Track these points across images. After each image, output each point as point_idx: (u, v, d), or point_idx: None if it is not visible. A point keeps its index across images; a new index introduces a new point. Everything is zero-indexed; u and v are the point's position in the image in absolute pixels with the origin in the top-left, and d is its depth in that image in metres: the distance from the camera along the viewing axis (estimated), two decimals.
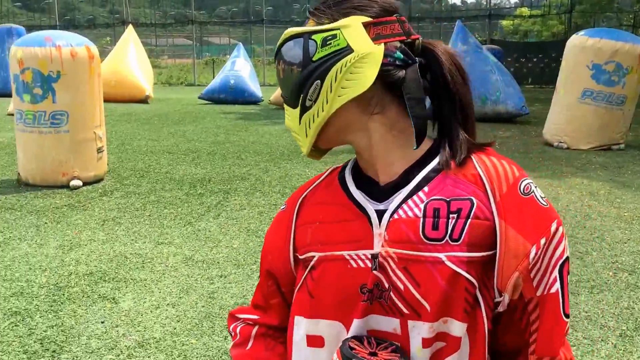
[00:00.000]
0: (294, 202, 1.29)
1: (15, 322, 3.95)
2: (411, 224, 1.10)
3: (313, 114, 1.15)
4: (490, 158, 1.16)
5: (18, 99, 7.40)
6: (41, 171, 7.44)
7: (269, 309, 1.34)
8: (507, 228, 1.08)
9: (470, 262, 1.08)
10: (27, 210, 6.54)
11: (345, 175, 1.23)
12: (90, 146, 7.59)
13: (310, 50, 1.12)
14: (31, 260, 5.04)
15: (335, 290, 1.15)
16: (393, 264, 1.10)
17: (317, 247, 1.19)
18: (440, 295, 1.08)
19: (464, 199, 1.10)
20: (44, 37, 7.32)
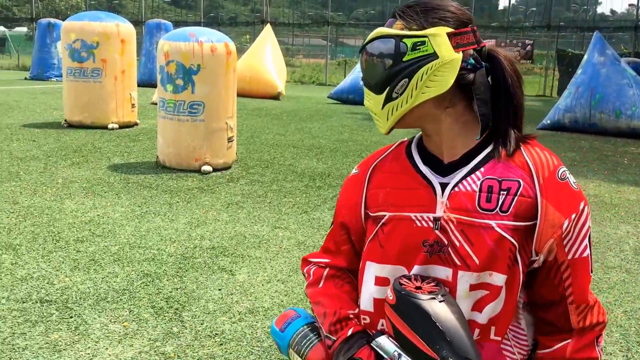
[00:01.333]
0: (366, 168, 1.58)
1: (146, 282, 4.49)
2: (469, 196, 1.39)
3: (397, 104, 1.41)
4: (535, 149, 1.45)
5: (162, 88, 8.17)
6: (177, 155, 8.16)
7: (339, 254, 1.63)
8: (547, 205, 1.37)
9: (514, 229, 1.37)
10: (163, 189, 7.24)
11: (412, 150, 1.52)
12: (221, 135, 8.22)
13: (401, 51, 1.37)
14: (163, 233, 5.63)
15: (402, 243, 1.44)
16: (452, 226, 1.40)
17: (388, 207, 1.48)
18: (488, 252, 1.37)
19: (513, 180, 1.38)
20: (188, 33, 8.04)
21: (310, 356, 1.57)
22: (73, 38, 11.06)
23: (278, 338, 1.66)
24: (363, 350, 1.47)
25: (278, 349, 1.70)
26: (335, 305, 1.57)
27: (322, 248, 1.70)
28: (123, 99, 11.38)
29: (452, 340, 1.29)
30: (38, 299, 4.13)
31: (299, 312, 1.69)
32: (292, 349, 1.62)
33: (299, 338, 1.61)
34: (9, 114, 13.13)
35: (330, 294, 1.60)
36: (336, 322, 1.55)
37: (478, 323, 1.40)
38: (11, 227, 5.62)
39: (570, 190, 1.41)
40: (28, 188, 7.01)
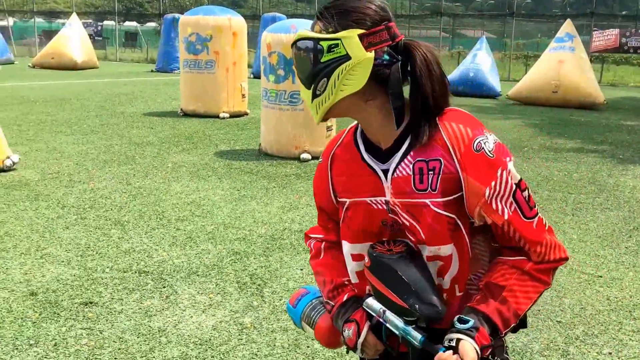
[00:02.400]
0: (327, 156, 1.71)
1: (234, 259, 4.80)
2: (406, 180, 1.53)
3: (322, 100, 1.53)
4: (450, 124, 1.52)
5: (265, 78, 8.53)
6: (278, 143, 8.51)
7: (329, 230, 1.80)
8: (467, 177, 1.49)
9: (446, 204, 1.52)
10: (262, 175, 7.59)
11: (358, 139, 1.64)
12: (321, 124, 8.45)
13: (319, 52, 1.49)
14: (256, 215, 5.95)
15: (363, 224, 1.61)
16: (399, 208, 1.55)
17: (347, 194, 1.63)
18: (430, 227, 1.52)
19: (435, 160, 1.51)
20: (289, 25, 8.33)
21: (319, 323, 1.76)
22: (189, 32, 11.71)
23: (292, 313, 1.83)
24: (357, 312, 1.65)
25: (294, 324, 1.88)
26: (332, 274, 1.74)
27: (318, 223, 1.87)
28: (234, 89, 11.92)
29: (417, 289, 1.46)
30: (137, 270, 4.54)
31: (308, 289, 1.85)
32: (304, 321, 1.79)
33: (308, 310, 1.78)
34: (132, 103, 14.10)
35: (328, 264, 1.77)
36: (333, 289, 1.72)
37: (444, 288, 1.58)
38: (122, 205, 6.14)
39: (487, 160, 1.48)
40: (141, 171, 7.58)
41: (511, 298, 1.51)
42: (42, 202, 6.18)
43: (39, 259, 4.70)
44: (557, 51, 16.42)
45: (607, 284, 4.57)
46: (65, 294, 4.10)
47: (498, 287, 1.53)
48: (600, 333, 3.81)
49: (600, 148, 10.35)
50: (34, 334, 3.57)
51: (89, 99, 14.45)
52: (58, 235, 5.22)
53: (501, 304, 1.50)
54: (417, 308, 1.45)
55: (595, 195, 7.14)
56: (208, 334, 3.64)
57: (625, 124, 13.52)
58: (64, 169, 7.54)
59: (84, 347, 3.45)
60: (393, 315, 1.52)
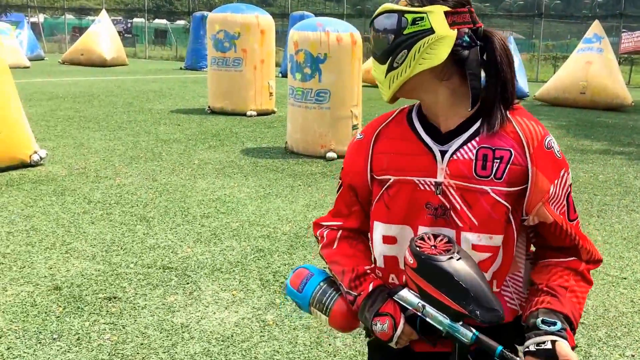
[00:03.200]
0: (371, 133, 1.67)
1: (259, 256, 4.78)
2: (466, 164, 1.53)
3: (398, 73, 1.53)
4: (523, 119, 1.57)
5: (291, 77, 8.52)
6: (304, 141, 8.49)
7: (350, 215, 1.74)
8: (537, 172, 1.52)
9: (507, 194, 1.52)
10: (287, 173, 7.57)
11: (413, 119, 1.63)
12: (346, 123, 8.43)
13: (402, 25, 1.51)
14: (281, 213, 5.93)
15: (406, 204, 1.58)
16: (453, 191, 1.54)
17: (392, 172, 1.60)
18: (485, 215, 1.52)
19: (505, 149, 1.52)
20: (316, 23, 8.30)
21: (335, 309, 1.67)
22: (217, 29, 11.75)
23: (297, 298, 1.72)
24: (387, 304, 1.57)
25: (299, 308, 1.77)
26: (353, 263, 1.68)
27: (332, 212, 1.80)
28: (261, 87, 11.93)
29: (476, 294, 1.41)
30: (161, 265, 4.54)
31: (311, 270, 1.74)
32: (314, 306, 1.69)
33: (319, 295, 1.68)
34: (160, 100, 14.20)
35: (346, 253, 1.71)
36: (355, 279, 1.65)
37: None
38: (148, 201, 6.17)
39: (555, 159, 1.55)
40: (167, 167, 7.62)
41: (575, 299, 1.53)
42: (69, 197, 6.23)
43: (64, 253, 4.73)
44: (585, 52, 16.24)
45: (632, 286, 4.49)
46: (89, 289, 4.12)
47: (562, 288, 1.54)
48: (623, 335, 3.75)
49: (627, 150, 10.18)
50: (57, 328, 3.59)
51: (117, 96, 14.59)
52: (83, 230, 5.26)
53: (571, 305, 1.52)
54: (477, 314, 1.40)
55: (621, 197, 7.03)
56: (230, 330, 3.63)
57: None
58: (91, 165, 7.61)
59: (106, 342, 3.45)
60: (435, 311, 1.48)
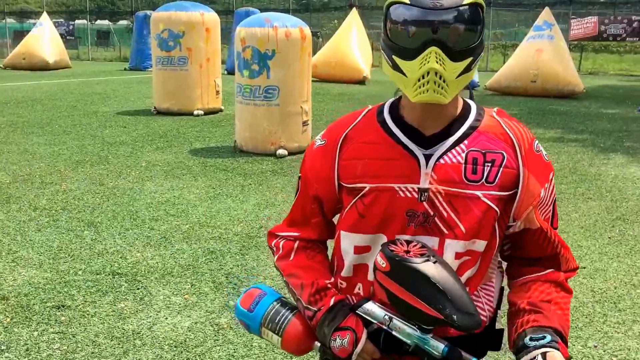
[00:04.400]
0: (335, 138, 1.55)
1: (210, 258, 4.73)
2: (455, 168, 1.45)
3: (469, 76, 1.42)
4: (512, 121, 1.53)
5: (239, 74, 8.46)
6: (253, 139, 8.44)
7: (307, 226, 1.64)
8: (529, 175, 1.47)
9: (499, 199, 1.47)
10: (237, 172, 7.52)
11: (387, 120, 1.52)
12: (296, 119, 8.42)
13: (482, 21, 1.39)
14: (232, 213, 5.88)
15: (384, 213, 1.48)
16: (440, 197, 1.45)
17: (367, 179, 1.48)
18: (475, 221, 1.45)
19: (496, 152, 1.46)
20: (263, 19, 8.26)
21: (289, 330, 1.57)
22: (161, 28, 11.56)
23: (247, 318, 1.61)
24: (349, 318, 1.50)
25: (248, 331, 1.68)
26: (312, 276, 1.58)
27: (288, 220, 1.70)
28: (208, 86, 11.81)
29: (453, 298, 1.35)
30: (111, 271, 4.45)
31: (264, 290, 1.64)
32: (266, 326, 1.59)
33: (272, 314, 1.58)
34: (105, 102, 13.92)
35: (304, 266, 1.61)
36: (315, 293, 1.55)
37: None
38: (95, 206, 6.04)
39: (544, 162, 1.52)
40: (114, 171, 7.47)
41: (559, 311, 1.50)
42: (14, 204, 6.05)
43: (10, 262, 4.60)
44: (536, 40, 16.42)
45: (591, 275, 4.57)
46: (37, 298, 4.01)
47: (545, 303, 1.50)
48: (584, 326, 3.79)
49: (581, 137, 10.43)
50: (5, 339, 3.49)
51: (61, 99, 14.23)
52: (30, 238, 5.11)
53: (558, 317, 1.48)
54: (455, 319, 1.34)
55: (576, 185, 7.17)
56: (183, 335, 3.58)
57: (606, 112, 13.64)
58: (36, 171, 7.40)
59: (56, 352, 3.37)
60: (403, 322, 1.42)
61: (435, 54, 1.33)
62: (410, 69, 1.38)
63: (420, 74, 1.36)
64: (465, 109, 1.51)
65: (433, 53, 1.33)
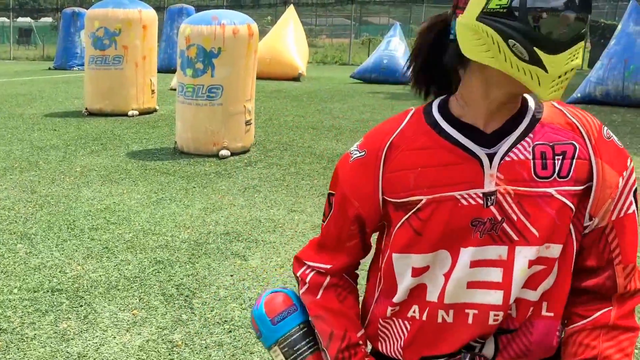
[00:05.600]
0: (377, 148, 1.38)
1: (158, 269, 4.45)
2: (523, 164, 1.29)
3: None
4: (575, 109, 1.38)
5: (182, 73, 8.11)
6: (195, 140, 8.11)
7: (341, 251, 1.47)
8: (603, 165, 1.31)
9: (575, 195, 1.30)
10: (180, 175, 7.19)
11: (439, 121, 1.35)
12: (239, 119, 8.14)
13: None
14: (177, 219, 5.59)
15: (446, 227, 1.31)
16: (510, 199, 1.29)
17: (423, 190, 1.32)
18: (549, 223, 1.29)
19: (566, 143, 1.31)
20: (211, 16, 7.96)
21: None
22: (97, 26, 10.99)
23: (266, 328, 1.49)
24: None
25: (256, 336, 1.52)
26: (342, 325, 1.45)
27: (317, 244, 1.53)
28: (143, 85, 11.34)
29: None
30: (49, 288, 4.11)
31: (295, 302, 1.52)
32: (280, 347, 1.47)
33: (294, 338, 1.47)
34: (31, 104, 13.22)
35: (334, 310, 1.47)
36: (345, 349, 1.44)
37: (530, 301, 1.33)
38: (28, 216, 5.63)
39: (617, 148, 1.36)
40: (46, 177, 7.02)
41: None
42: None
43: None
44: None
45: None
46: None
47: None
48: None
49: None
50: None
51: None
52: None
53: None
54: None
55: None
56: (134, 355, 3.31)
57: None
58: None
59: None
60: None
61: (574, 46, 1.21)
62: (555, 63, 1.21)
63: (565, 70, 1.21)
64: (523, 101, 1.37)
65: (581, 49, 1.22)
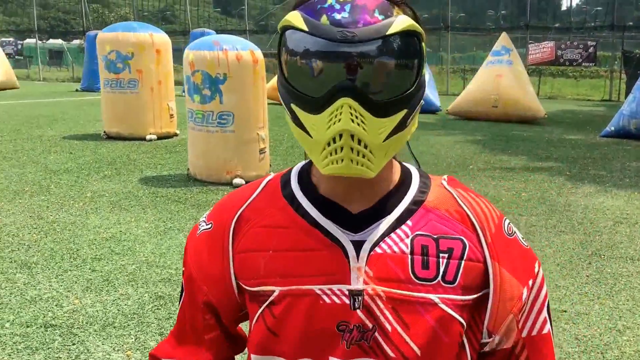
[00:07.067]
0: (225, 221, 1.12)
1: (157, 305, 4.25)
2: (398, 260, 1.02)
3: (404, 136, 1.00)
4: (469, 194, 1.10)
5: (189, 99, 7.99)
6: (207, 168, 7.96)
7: (201, 344, 1.19)
8: (501, 270, 1.04)
9: (464, 306, 1.03)
10: (191, 203, 7.03)
11: (296, 195, 1.08)
12: (253, 147, 7.98)
13: (423, 58, 0.96)
14: (183, 250, 5.39)
15: (306, 329, 1.03)
16: (381, 303, 1.01)
17: (275, 280, 1.05)
18: (431, 338, 1.01)
19: (453, 238, 1.04)
20: (212, 41, 7.83)
21: None
22: (108, 49, 11.06)
23: None
24: None
25: None
26: None
27: (175, 334, 1.24)
28: (160, 109, 11.30)
29: None
30: (43, 323, 3.94)
31: None
32: None
33: None
34: (53, 125, 13.26)
35: None
36: None
37: None
38: (31, 244, 5.48)
39: (522, 249, 1.10)
40: (55, 202, 6.91)
41: None
42: None
43: None
44: (495, 65, 16.39)
45: (573, 320, 4.21)
46: None
47: None
48: None
49: (547, 165, 10.22)
50: None
51: (4, 122, 13.50)
52: None
53: None
54: None
55: (547, 216, 6.85)
56: None
57: (568, 138, 13.56)
58: None
59: None
60: None
61: (349, 107, 0.91)
62: (316, 126, 0.95)
63: (329, 136, 0.93)
64: (404, 176, 1.10)
65: (346, 106, 0.91)
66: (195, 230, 1.18)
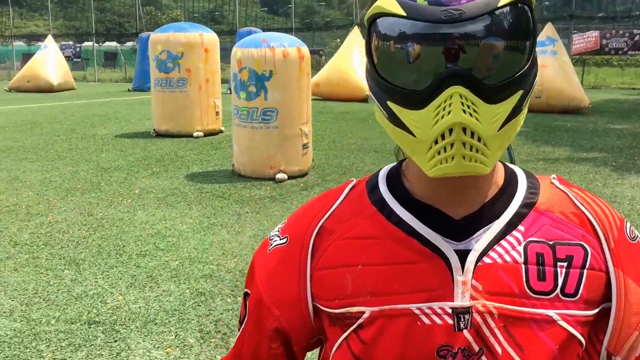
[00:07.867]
0: (303, 234, 0.98)
1: (198, 302, 4.29)
2: (512, 271, 0.88)
3: (519, 122, 0.87)
4: (586, 194, 0.97)
5: (236, 96, 8.06)
6: (252, 163, 8.01)
7: None
8: (626, 280, 0.91)
9: (585, 322, 0.90)
10: (234, 199, 7.08)
11: (387, 200, 0.95)
12: (296, 142, 7.99)
13: (536, 29, 0.84)
14: (226, 246, 5.44)
15: (400, 356, 0.90)
16: (492, 322, 0.87)
17: (365, 299, 0.91)
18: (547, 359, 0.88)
19: (573, 244, 0.91)
20: (260, 39, 7.87)
21: None
22: (160, 49, 11.25)
23: None
24: None
25: None
26: None
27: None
28: (207, 107, 11.44)
29: None
30: (87, 319, 4.02)
31: None
32: None
33: None
34: (105, 124, 13.58)
35: None
36: None
37: None
38: (80, 240, 5.62)
39: None
40: (105, 199, 7.06)
41: None
42: None
43: None
44: (539, 55, 15.86)
45: None
46: (0, 355, 3.58)
47: None
48: None
49: (591, 155, 9.92)
50: None
51: (61, 122, 13.91)
52: (4, 280, 4.69)
53: None
54: None
55: None
56: None
57: (613, 127, 13.15)
58: (23, 201, 7.01)
59: None
60: None
61: (459, 96, 0.79)
62: (420, 123, 0.83)
63: (437, 132, 0.82)
64: (509, 176, 0.97)
65: (456, 96, 0.79)
66: (265, 246, 1.05)
